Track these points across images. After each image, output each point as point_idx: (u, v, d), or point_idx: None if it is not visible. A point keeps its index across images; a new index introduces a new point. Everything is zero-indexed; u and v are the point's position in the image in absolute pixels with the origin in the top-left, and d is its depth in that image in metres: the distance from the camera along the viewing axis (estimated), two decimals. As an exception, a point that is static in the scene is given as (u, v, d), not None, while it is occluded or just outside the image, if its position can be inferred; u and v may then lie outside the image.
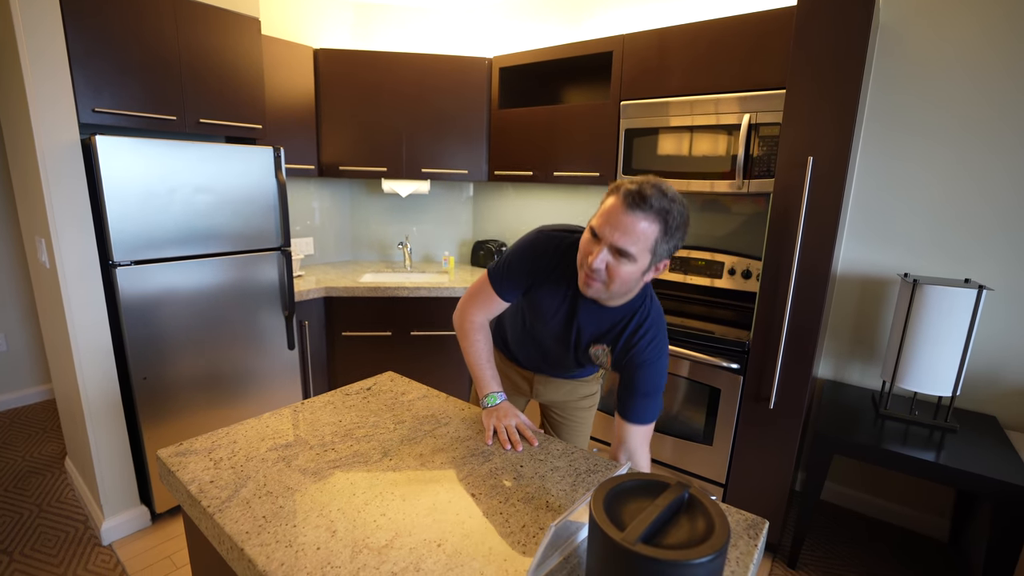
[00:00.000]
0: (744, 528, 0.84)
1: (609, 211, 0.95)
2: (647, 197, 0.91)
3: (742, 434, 1.93)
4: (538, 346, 1.31)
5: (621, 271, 0.96)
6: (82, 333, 1.79)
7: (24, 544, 1.92)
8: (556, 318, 1.18)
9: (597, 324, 1.13)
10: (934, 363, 1.72)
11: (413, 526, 0.81)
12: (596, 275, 0.98)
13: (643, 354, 1.09)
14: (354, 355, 2.65)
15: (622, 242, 0.93)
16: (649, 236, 0.93)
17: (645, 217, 0.92)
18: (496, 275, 1.20)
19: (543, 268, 1.14)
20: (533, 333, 1.29)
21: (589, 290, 1.02)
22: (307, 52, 2.62)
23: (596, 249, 0.97)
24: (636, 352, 1.09)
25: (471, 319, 1.26)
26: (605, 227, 0.95)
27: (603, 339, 1.14)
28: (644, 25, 2.52)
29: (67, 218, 1.73)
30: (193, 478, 0.92)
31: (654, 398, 1.11)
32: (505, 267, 1.19)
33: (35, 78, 1.63)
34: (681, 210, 0.95)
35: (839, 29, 1.58)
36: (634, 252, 0.94)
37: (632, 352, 1.10)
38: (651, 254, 0.96)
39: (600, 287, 1.00)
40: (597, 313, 1.12)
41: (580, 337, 1.16)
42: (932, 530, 2.08)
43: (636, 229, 0.93)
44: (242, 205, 2.08)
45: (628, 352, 1.10)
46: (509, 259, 1.19)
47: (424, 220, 3.30)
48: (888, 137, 2.01)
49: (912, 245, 2.01)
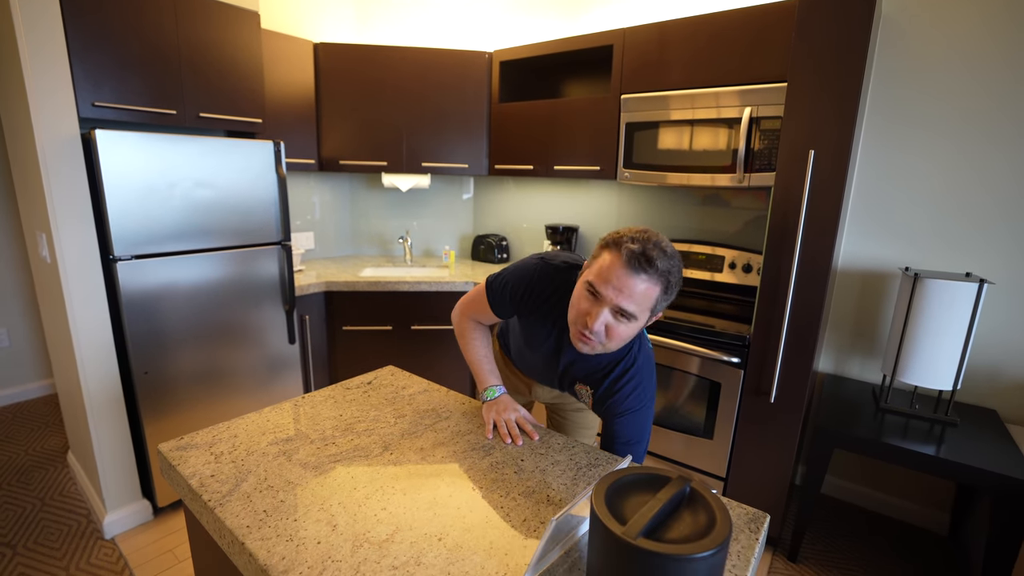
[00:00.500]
0: (745, 522, 0.84)
1: (610, 271, 0.91)
2: (652, 260, 0.89)
3: (743, 428, 1.93)
4: (533, 361, 1.29)
5: (620, 331, 0.94)
6: (83, 328, 1.80)
7: (27, 538, 1.93)
8: (544, 349, 1.18)
9: (581, 366, 1.12)
10: (935, 357, 1.72)
11: (414, 520, 0.81)
12: (595, 337, 0.95)
13: (624, 403, 1.07)
14: (355, 349, 2.65)
15: (626, 304, 0.91)
16: (651, 297, 0.91)
17: (648, 279, 0.90)
18: (492, 291, 1.20)
19: (535, 300, 1.13)
20: (530, 348, 1.27)
21: (584, 349, 0.99)
22: (307, 46, 2.61)
23: (596, 310, 0.93)
24: (618, 400, 1.08)
25: (468, 323, 1.28)
26: (607, 288, 0.91)
27: (587, 380, 1.13)
28: (644, 18, 2.50)
29: (67, 213, 1.73)
30: (194, 472, 0.92)
31: (637, 446, 1.09)
32: (501, 286, 1.18)
33: (35, 72, 1.62)
34: (679, 267, 0.94)
35: (841, 21, 1.57)
36: (634, 312, 0.92)
37: (614, 399, 1.08)
38: (650, 312, 0.94)
39: (595, 347, 0.97)
40: (582, 356, 1.11)
41: (565, 373, 1.17)
42: (932, 524, 2.08)
43: (639, 291, 0.90)
44: (242, 199, 2.08)
45: (610, 398, 1.09)
46: (507, 280, 1.17)
47: (424, 214, 3.30)
48: (889, 130, 2.00)
49: (913, 238, 2.01)
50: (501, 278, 1.18)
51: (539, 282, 1.12)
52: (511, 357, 1.42)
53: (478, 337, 1.27)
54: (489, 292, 1.20)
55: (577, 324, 0.97)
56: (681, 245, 2.49)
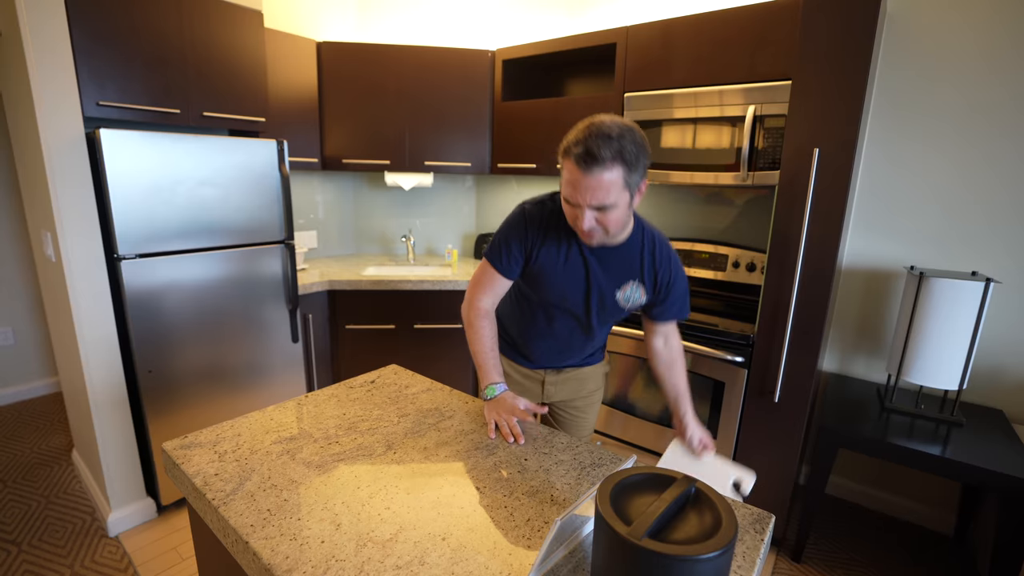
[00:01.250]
0: (750, 522, 0.84)
1: (571, 180, 0.99)
2: (597, 153, 0.94)
3: (746, 427, 1.92)
4: (549, 330, 1.31)
5: (610, 219, 1.02)
6: (88, 326, 1.80)
7: (32, 535, 1.94)
8: (568, 276, 1.20)
9: (616, 264, 1.19)
10: (940, 356, 1.71)
11: (418, 520, 0.81)
12: (592, 232, 1.05)
13: (672, 269, 1.21)
14: (357, 348, 2.65)
15: (596, 201, 0.99)
16: (616, 181, 0.97)
17: (604, 170, 0.95)
18: (494, 255, 1.22)
19: (538, 232, 1.18)
20: (545, 313, 1.28)
21: (593, 242, 1.10)
22: (310, 45, 2.61)
23: (579, 213, 1.02)
24: (666, 270, 1.20)
25: (477, 305, 1.26)
26: (577, 195, 1.00)
27: (628, 277, 1.20)
28: (647, 16, 2.49)
29: (72, 212, 1.73)
30: (198, 471, 0.92)
31: (686, 296, 1.27)
32: (501, 244, 1.21)
33: (40, 72, 1.62)
34: (633, 138, 0.97)
35: (846, 19, 1.56)
36: (612, 201, 0.99)
37: (661, 273, 1.20)
38: (626, 190, 1.00)
39: (600, 236, 1.08)
40: (608, 255, 1.17)
41: (603, 288, 1.20)
42: (938, 524, 2.07)
43: (602, 184, 0.96)
44: (246, 198, 2.08)
45: (658, 275, 1.20)
46: (503, 236, 1.21)
47: (427, 213, 3.29)
48: (894, 128, 1.99)
49: (918, 237, 1.99)
50: (497, 241, 1.22)
51: (532, 218, 1.18)
52: (518, 350, 1.40)
53: (486, 326, 1.25)
54: (493, 259, 1.23)
55: (574, 225, 1.07)
56: (684, 244, 2.48)
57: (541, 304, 1.29)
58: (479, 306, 1.26)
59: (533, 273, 1.23)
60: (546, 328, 1.32)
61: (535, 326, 1.33)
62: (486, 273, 1.24)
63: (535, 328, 1.33)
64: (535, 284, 1.25)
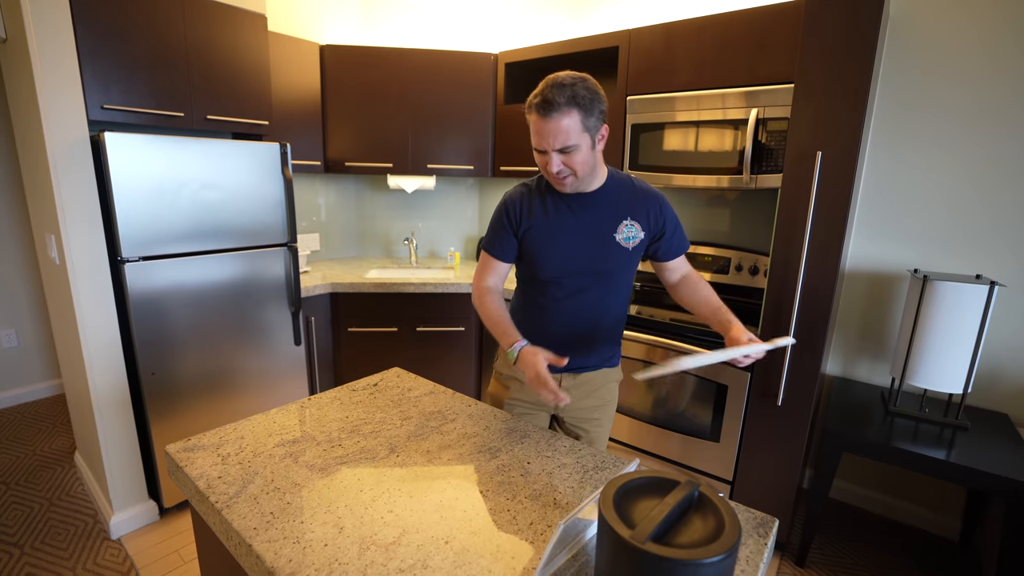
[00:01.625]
0: (754, 527, 0.83)
1: (535, 129, 1.11)
2: (552, 100, 1.06)
3: (749, 431, 1.91)
4: (564, 315, 1.29)
5: (575, 160, 1.12)
6: (91, 329, 1.81)
7: (35, 537, 1.94)
8: (562, 235, 1.25)
9: (603, 209, 1.24)
10: (945, 360, 1.70)
11: (420, 523, 0.81)
12: (561, 174, 1.15)
13: (658, 200, 1.26)
14: (360, 351, 2.65)
15: (559, 143, 1.09)
16: (574, 125, 1.08)
17: (561, 115, 1.07)
18: (488, 242, 1.33)
19: (521, 207, 1.27)
20: (555, 298, 1.28)
21: (566, 187, 1.19)
22: (313, 48, 2.62)
23: (547, 159, 1.13)
24: (654, 203, 1.26)
25: (480, 286, 1.33)
26: (541, 141, 1.11)
27: (620, 217, 1.24)
28: (650, 20, 2.50)
29: (76, 215, 1.74)
30: (201, 474, 0.92)
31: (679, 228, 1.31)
32: (492, 231, 1.32)
33: (45, 75, 1.63)
34: (585, 85, 1.08)
35: (848, 22, 1.56)
36: (573, 143, 1.09)
37: (650, 206, 1.25)
38: (586, 132, 1.10)
39: (571, 180, 1.16)
40: (591, 202, 1.24)
41: (600, 234, 1.24)
42: (943, 529, 2.06)
43: (560, 128, 1.07)
44: (249, 201, 2.09)
45: (649, 210, 1.25)
46: (492, 224, 1.33)
47: (430, 216, 3.30)
48: (898, 131, 1.98)
49: (922, 240, 1.99)
50: (488, 231, 1.34)
51: (513, 198, 1.29)
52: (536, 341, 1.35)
53: (493, 299, 1.31)
54: (487, 247, 1.33)
55: (547, 174, 1.17)
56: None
57: (549, 288, 1.29)
58: (482, 286, 1.33)
59: (530, 250, 1.28)
60: (561, 316, 1.30)
61: (548, 319, 1.31)
62: (485, 262, 1.34)
63: (549, 321, 1.31)
64: (535, 262, 1.28)
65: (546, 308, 1.31)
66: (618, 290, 1.32)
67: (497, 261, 1.32)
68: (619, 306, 1.35)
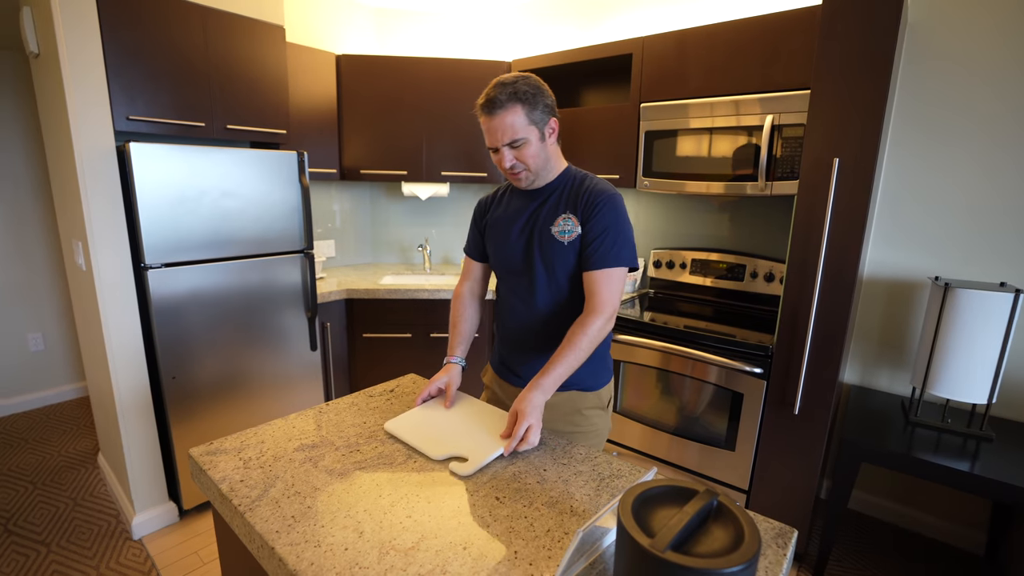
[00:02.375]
0: (772, 537, 0.83)
1: (485, 128, 1.16)
2: (494, 97, 1.11)
3: (765, 440, 1.89)
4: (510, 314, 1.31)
5: (526, 154, 1.16)
6: (116, 333, 1.85)
7: (60, 536, 1.99)
8: (509, 227, 1.28)
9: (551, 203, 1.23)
10: (968, 369, 1.67)
11: (439, 528, 0.81)
12: (515, 169, 1.18)
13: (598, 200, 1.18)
14: (374, 356, 2.68)
15: (507, 138, 1.13)
16: (519, 119, 1.12)
17: (504, 111, 1.11)
18: (465, 243, 1.45)
19: (487, 205, 1.37)
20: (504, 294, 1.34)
21: (522, 182, 1.22)
22: (329, 58, 2.67)
23: (500, 156, 1.17)
24: (591, 199, 1.18)
25: (456, 293, 1.43)
26: (492, 139, 1.16)
27: (561, 211, 1.21)
28: (663, 27, 2.50)
29: (103, 222, 1.79)
30: (224, 477, 0.94)
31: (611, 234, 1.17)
32: (468, 236, 1.43)
33: (75, 89, 1.69)
34: (527, 81, 1.14)
35: (866, 28, 1.55)
36: (521, 136, 1.13)
37: (586, 200, 1.19)
38: (532, 125, 1.14)
39: (526, 174, 1.19)
40: (543, 196, 1.25)
41: (540, 227, 1.23)
42: (967, 543, 2.01)
43: (506, 124, 1.12)
44: (267, 208, 2.13)
45: (584, 202, 1.19)
46: (468, 231, 1.43)
47: (443, 222, 3.33)
48: (917, 136, 1.96)
49: (942, 247, 1.96)
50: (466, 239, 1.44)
51: (483, 199, 1.40)
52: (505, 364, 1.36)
53: (456, 308, 1.40)
54: (466, 247, 1.44)
55: (503, 171, 1.20)
56: (700, 253, 2.47)
57: (500, 284, 1.36)
58: (456, 292, 1.43)
59: (488, 244, 1.34)
60: (507, 314, 1.33)
61: (501, 316, 1.36)
62: (464, 263, 1.45)
63: (501, 318, 1.36)
64: (491, 256, 1.34)
65: (501, 304, 1.36)
66: (560, 293, 1.23)
67: (471, 260, 1.42)
68: (565, 313, 1.23)
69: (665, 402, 2.15)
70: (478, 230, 1.39)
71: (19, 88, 2.87)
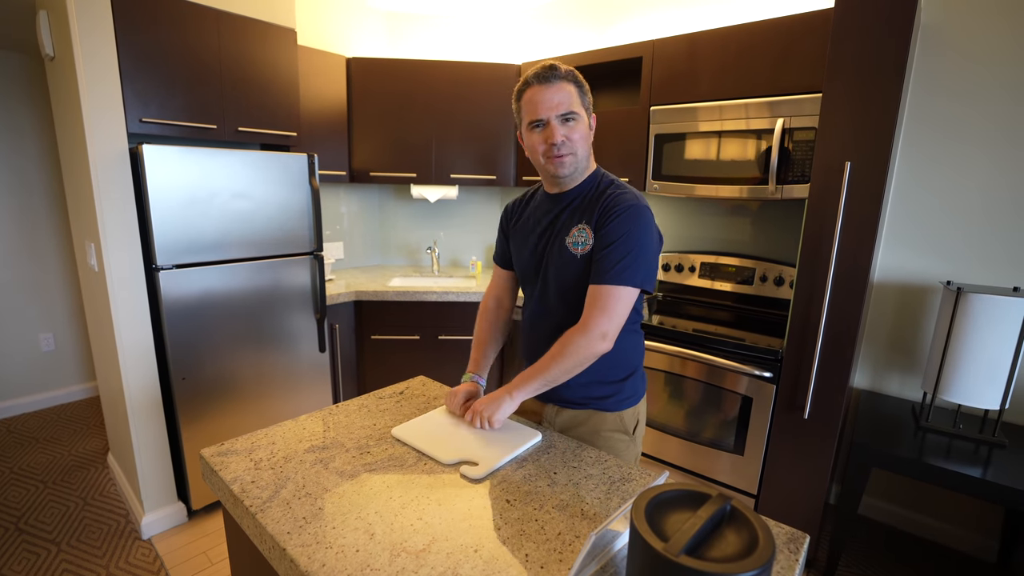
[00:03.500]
0: (784, 542, 0.82)
1: (534, 99, 1.08)
2: (552, 67, 1.07)
3: (775, 444, 1.88)
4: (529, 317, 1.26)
5: (577, 132, 1.09)
6: (127, 334, 1.87)
7: (70, 535, 2.00)
8: (531, 233, 1.23)
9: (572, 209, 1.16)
10: (980, 375, 1.65)
11: (450, 531, 0.81)
12: (564, 148, 1.08)
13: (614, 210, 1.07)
14: (383, 358, 2.69)
15: (564, 108, 1.07)
16: (575, 93, 1.09)
17: (561, 81, 1.07)
18: (494, 253, 1.39)
19: (513, 211, 1.32)
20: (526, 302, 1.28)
21: (565, 167, 1.11)
22: (340, 61, 2.68)
23: (549, 132, 1.08)
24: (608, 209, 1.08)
25: (482, 306, 1.39)
26: (543, 111, 1.07)
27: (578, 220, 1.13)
28: (673, 30, 2.50)
29: (115, 224, 1.81)
30: (235, 478, 0.95)
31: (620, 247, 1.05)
32: (496, 243, 1.38)
33: (89, 92, 1.71)
34: (576, 72, 1.11)
35: (878, 30, 1.54)
36: (576, 110, 1.08)
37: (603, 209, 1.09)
38: (584, 109, 1.11)
39: (571, 159, 1.11)
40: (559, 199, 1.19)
41: (557, 235, 1.16)
42: (978, 550, 1.99)
43: (564, 92, 1.07)
44: (277, 210, 2.14)
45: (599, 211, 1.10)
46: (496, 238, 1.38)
47: (452, 225, 3.33)
48: (930, 138, 1.95)
49: (954, 251, 1.94)
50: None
51: (508, 205, 1.34)
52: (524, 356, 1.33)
53: (480, 322, 1.37)
54: (494, 255, 1.39)
55: (544, 155, 1.11)
56: (710, 257, 2.46)
57: (522, 288, 1.31)
58: (482, 306, 1.39)
59: (514, 251, 1.30)
60: (529, 325, 1.26)
61: (524, 327, 1.29)
62: (494, 272, 1.40)
63: (524, 330, 1.29)
64: (514, 261, 1.31)
65: (523, 311, 1.31)
66: (571, 305, 1.13)
67: (499, 269, 1.38)
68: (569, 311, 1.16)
69: (674, 406, 2.14)
70: (504, 236, 1.34)
71: (34, 91, 2.91)
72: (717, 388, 2.00)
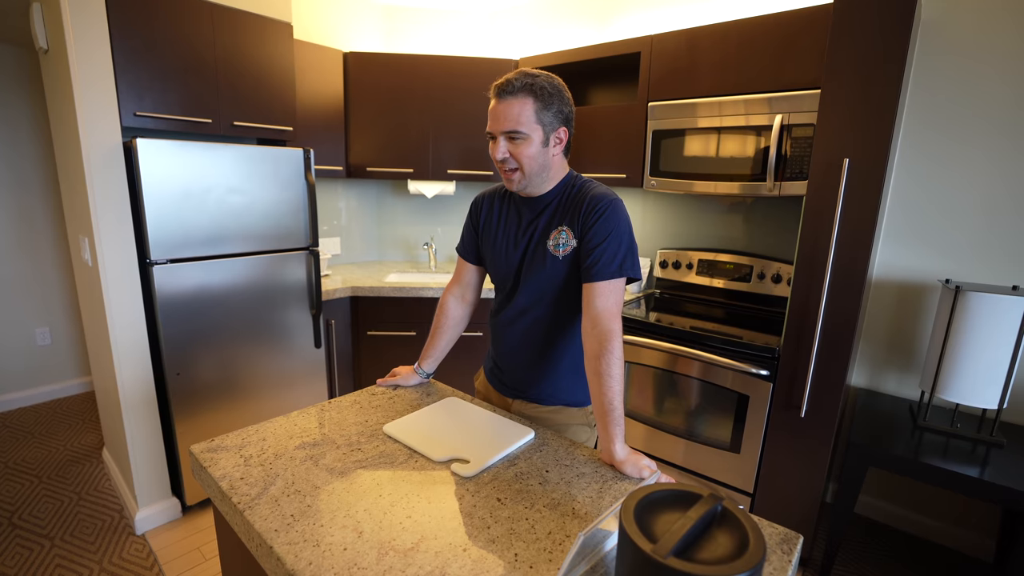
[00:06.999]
0: (777, 543, 0.81)
1: (492, 112, 1.08)
2: (510, 81, 1.05)
3: (771, 443, 1.88)
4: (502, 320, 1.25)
5: (523, 152, 1.07)
6: (120, 329, 1.86)
7: (64, 530, 2.00)
8: (505, 236, 1.22)
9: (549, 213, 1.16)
10: (978, 374, 1.65)
11: (439, 529, 0.81)
12: (507, 165, 1.09)
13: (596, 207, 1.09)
14: (379, 354, 2.68)
15: (507, 127, 1.05)
16: (527, 111, 1.05)
17: (515, 98, 1.04)
18: (459, 242, 1.36)
19: (481, 205, 1.30)
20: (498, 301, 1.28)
21: (513, 184, 1.13)
22: (337, 55, 2.66)
23: (495, 145, 1.09)
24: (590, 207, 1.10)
25: (442, 299, 1.39)
26: (492, 124, 1.08)
27: (559, 223, 1.14)
28: (672, 25, 2.48)
29: (109, 218, 1.79)
30: (224, 474, 0.94)
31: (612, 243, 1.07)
32: (461, 238, 1.35)
33: (83, 85, 1.70)
34: (549, 80, 1.07)
35: (878, 25, 1.53)
36: (523, 131, 1.05)
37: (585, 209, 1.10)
38: (539, 126, 1.06)
39: (518, 176, 1.10)
40: (540, 206, 1.17)
41: (536, 239, 1.16)
42: (975, 549, 1.99)
43: (512, 111, 1.05)
44: (273, 205, 2.13)
45: (581, 211, 1.10)
46: (462, 232, 1.36)
47: (449, 221, 3.32)
48: (930, 135, 1.93)
49: (953, 249, 1.93)
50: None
51: (478, 198, 1.31)
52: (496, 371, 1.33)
53: (438, 315, 1.39)
54: (458, 246, 1.36)
55: (497, 167, 1.12)
56: (707, 254, 2.45)
57: (496, 294, 1.30)
58: (442, 299, 1.39)
59: (483, 250, 1.29)
60: (500, 327, 1.26)
61: (495, 328, 1.30)
62: (457, 264, 1.37)
63: (495, 330, 1.29)
64: (486, 264, 1.29)
65: (494, 316, 1.30)
66: (558, 309, 1.17)
67: (463, 261, 1.35)
68: (564, 331, 1.20)
69: (670, 403, 2.13)
70: (473, 228, 1.31)
71: (28, 84, 2.89)
72: (714, 386, 2.00)
